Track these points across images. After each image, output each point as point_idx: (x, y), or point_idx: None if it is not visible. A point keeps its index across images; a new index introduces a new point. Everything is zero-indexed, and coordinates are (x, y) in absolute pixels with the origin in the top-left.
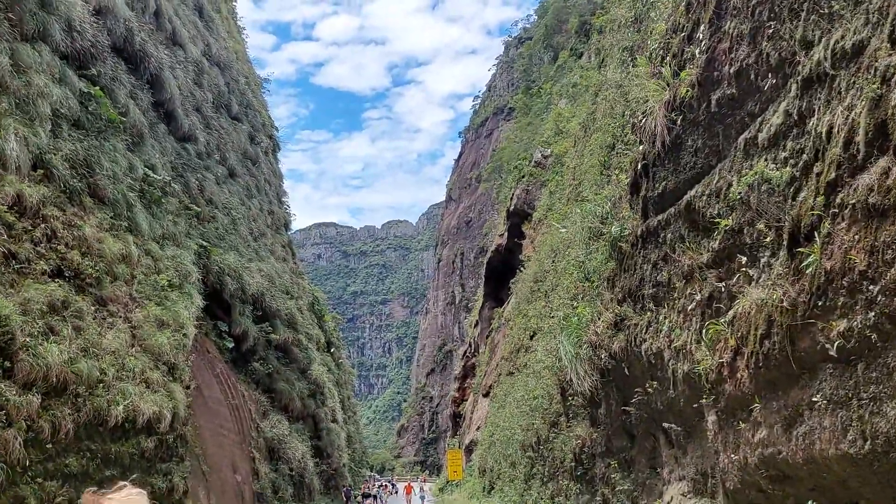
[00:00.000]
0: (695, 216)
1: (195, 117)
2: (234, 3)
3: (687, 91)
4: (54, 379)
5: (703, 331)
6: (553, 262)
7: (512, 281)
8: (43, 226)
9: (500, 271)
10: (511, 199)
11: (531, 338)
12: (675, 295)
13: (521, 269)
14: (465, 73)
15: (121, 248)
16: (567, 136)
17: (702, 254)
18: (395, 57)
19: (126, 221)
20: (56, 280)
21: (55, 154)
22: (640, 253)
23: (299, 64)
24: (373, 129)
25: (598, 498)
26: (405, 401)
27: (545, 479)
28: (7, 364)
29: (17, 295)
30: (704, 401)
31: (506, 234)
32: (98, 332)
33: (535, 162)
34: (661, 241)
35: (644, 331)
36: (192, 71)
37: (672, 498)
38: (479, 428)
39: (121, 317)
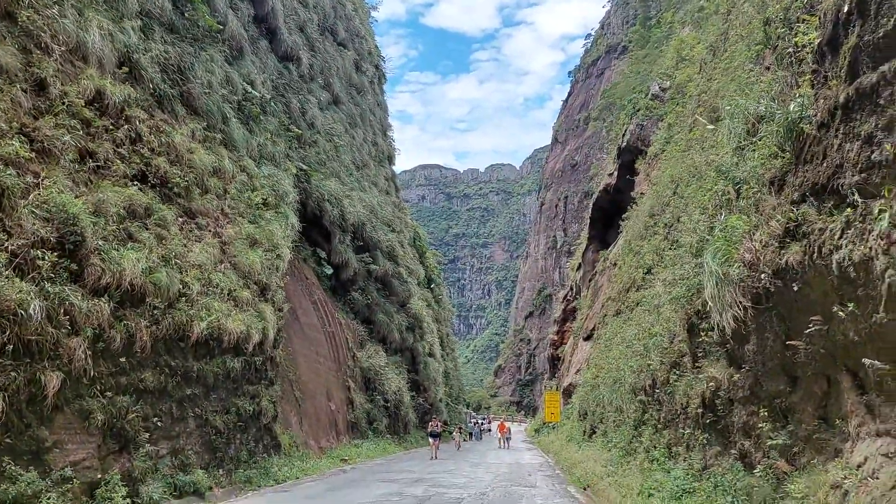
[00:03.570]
0: None
1: (299, 37)
2: None
3: None
4: (129, 287)
5: None
6: (675, 192)
7: (623, 218)
8: (126, 127)
9: (608, 212)
10: (623, 135)
11: (645, 275)
12: None
13: (634, 205)
14: (578, 12)
15: (213, 160)
16: (691, 63)
17: None
18: None
19: (220, 134)
20: (138, 185)
21: (144, 54)
22: (837, 131)
23: (409, 3)
24: (481, 71)
25: (733, 451)
26: (503, 342)
27: (660, 427)
28: (75, 267)
29: (90, 195)
30: None
31: (615, 172)
32: (183, 244)
33: (653, 94)
34: (882, 102)
35: (838, 235)
36: None
37: (867, 459)
38: (578, 371)
39: (210, 231)
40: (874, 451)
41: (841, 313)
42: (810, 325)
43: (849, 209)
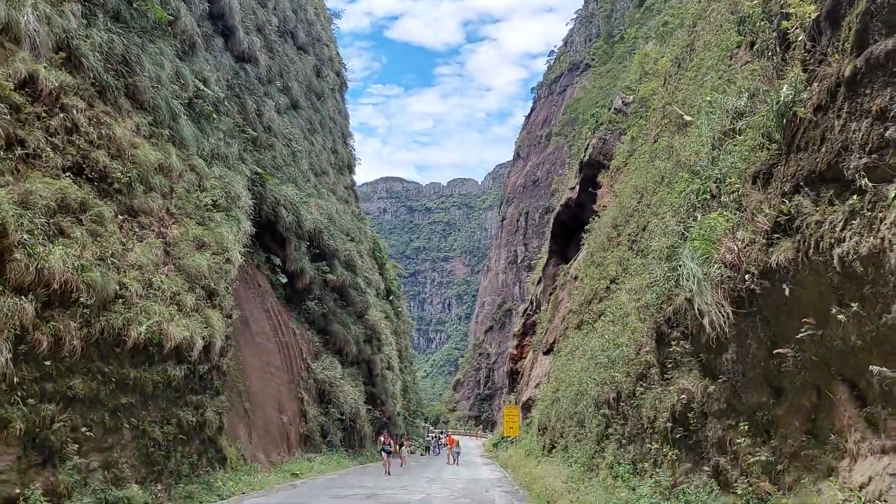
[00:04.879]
0: None
1: (257, 38)
2: None
3: None
4: (57, 286)
5: None
6: (640, 201)
7: (585, 230)
8: (62, 115)
9: (569, 227)
10: (585, 149)
11: (608, 286)
12: None
13: (596, 217)
14: (541, 29)
15: (159, 157)
16: (655, 77)
17: None
18: (470, 12)
19: (168, 131)
20: (73, 178)
21: (85, 41)
22: (840, 110)
23: (374, 17)
24: (444, 85)
25: (706, 468)
26: (462, 356)
27: (624, 441)
28: None
29: (17, 185)
30: None
31: (577, 186)
32: (122, 242)
33: (616, 109)
34: None
35: (840, 226)
36: None
37: (871, 479)
38: (537, 385)
39: (153, 230)
40: (880, 471)
41: (840, 316)
42: (802, 330)
43: (854, 197)
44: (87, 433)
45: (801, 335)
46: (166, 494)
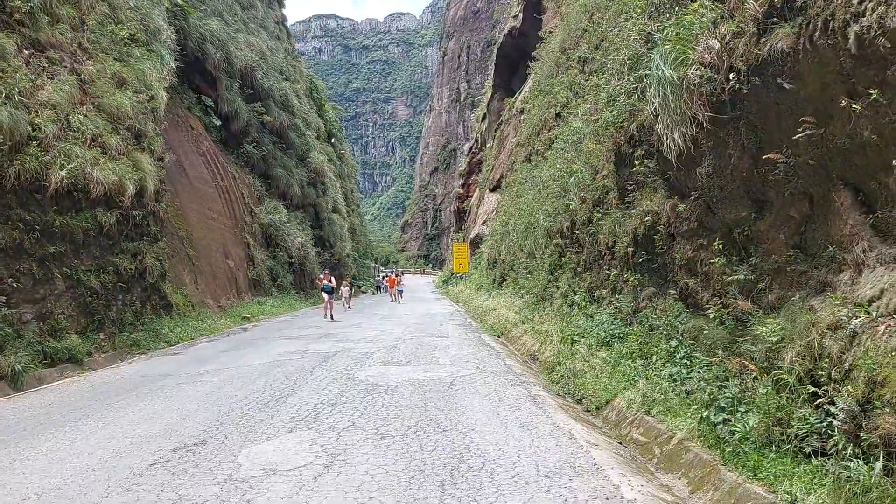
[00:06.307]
0: None
1: None
2: None
3: None
4: None
5: None
6: (591, 19)
7: (532, 58)
8: None
9: (513, 59)
10: None
11: (557, 115)
12: None
13: (542, 44)
14: None
15: None
16: None
17: None
18: None
19: None
20: None
21: None
22: None
23: None
24: None
25: (671, 292)
26: (409, 199)
27: (580, 270)
28: None
29: None
30: None
31: (521, 14)
32: (31, 80)
33: None
34: None
35: None
36: None
37: (883, 292)
38: (485, 222)
39: (66, 66)
40: (894, 282)
41: (854, 106)
42: (799, 131)
43: None
44: (14, 284)
45: (797, 136)
46: (110, 343)
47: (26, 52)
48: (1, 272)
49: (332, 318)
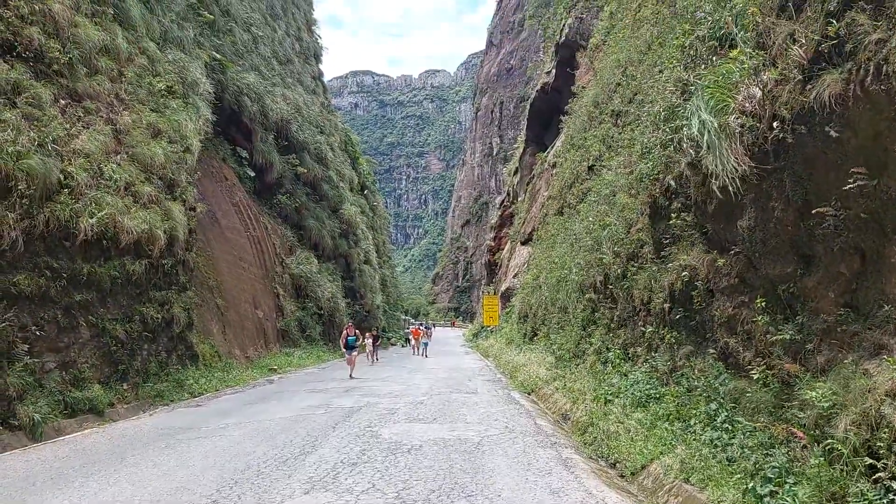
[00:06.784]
0: None
1: None
2: None
3: None
4: None
5: None
6: (624, 73)
7: (564, 113)
8: None
9: (545, 114)
10: (561, 30)
11: (590, 168)
12: None
13: (575, 98)
14: None
15: (104, 38)
16: None
17: None
18: None
19: (113, 10)
20: (2, 57)
21: None
22: None
23: None
24: None
25: (711, 351)
26: (440, 251)
27: (613, 326)
28: None
29: None
30: None
31: (553, 71)
32: (66, 129)
33: None
34: None
35: None
36: None
37: None
38: (516, 275)
39: (101, 116)
40: None
41: None
42: (849, 182)
43: None
44: (38, 332)
45: (846, 188)
46: (133, 393)
47: (63, 101)
48: (25, 320)
49: (350, 376)
